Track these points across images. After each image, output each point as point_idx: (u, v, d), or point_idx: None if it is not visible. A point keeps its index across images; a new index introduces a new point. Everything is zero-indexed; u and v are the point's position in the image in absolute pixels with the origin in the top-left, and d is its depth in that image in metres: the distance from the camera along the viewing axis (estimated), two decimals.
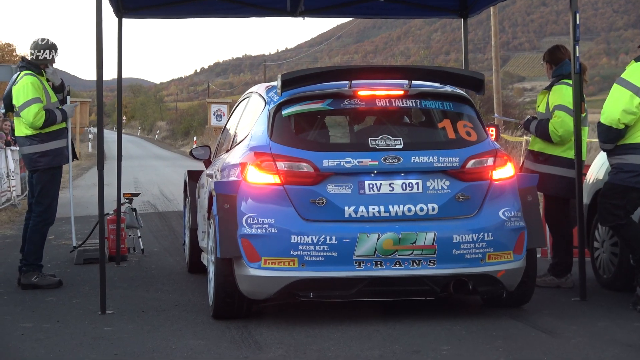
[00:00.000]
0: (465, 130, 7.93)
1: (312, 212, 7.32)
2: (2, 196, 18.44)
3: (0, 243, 13.34)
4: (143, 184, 28.78)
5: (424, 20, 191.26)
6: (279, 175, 7.38)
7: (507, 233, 7.56)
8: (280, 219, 7.29)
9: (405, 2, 12.27)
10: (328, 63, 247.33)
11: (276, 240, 7.25)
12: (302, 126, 7.93)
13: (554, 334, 7.10)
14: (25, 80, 9.48)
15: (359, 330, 7.16)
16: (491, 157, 7.83)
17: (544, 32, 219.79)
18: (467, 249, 7.38)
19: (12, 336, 6.99)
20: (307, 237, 7.21)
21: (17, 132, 9.75)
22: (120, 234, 11.16)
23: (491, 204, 7.62)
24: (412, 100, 8.07)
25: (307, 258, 7.20)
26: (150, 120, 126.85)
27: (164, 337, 6.92)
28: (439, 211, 7.44)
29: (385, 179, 7.48)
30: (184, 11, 12.38)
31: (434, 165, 7.54)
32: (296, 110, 7.90)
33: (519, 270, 7.66)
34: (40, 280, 9.32)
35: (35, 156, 9.51)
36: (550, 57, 9.64)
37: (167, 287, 9.29)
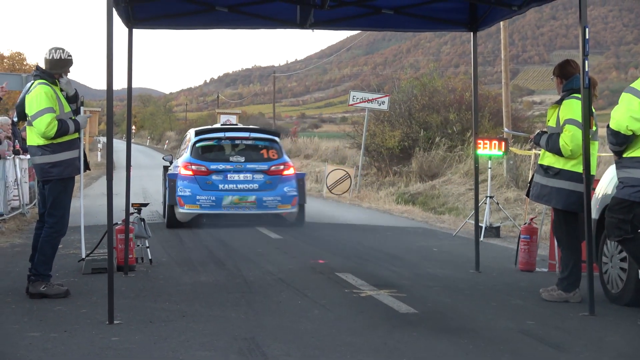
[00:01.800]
0: (272, 153, 18.05)
1: (205, 187, 17.19)
2: (9, 205, 18.45)
3: (9, 252, 13.35)
4: (152, 193, 28.78)
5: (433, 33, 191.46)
6: (192, 172, 17.34)
7: (288, 197, 17.42)
8: (192, 189, 17.16)
9: (415, 15, 12.28)
10: (337, 75, 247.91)
11: (190, 198, 17.10)
12: (203, 151, 17.96)
13: (561, 348, 7.09)
14: (39, 89, 9.44)
15: (367, 343, 7.16)
16: (282, 165, 17.78)
17: (553, 46, 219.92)
18: (269, 203, 17.26)
19: (20, 345, 6.99)
20: (203, 196, 17.03)
21: (29, 141, 9.72)
22: (129, 244, 11.17)
23: (281, 185, 17.44)
24: (250, 141, 18.39)
25: (203, 205, 17.04)
26: (159, 130, 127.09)
27: (172, 348, 6.91)
28: (257, 188, 17.34)
29: (236, 174, 17.37)
30: (194, 22, 12.44)
31: (256, 169, 17.41)
32: (201, 144, 18.05)
33: (294, 214, 17.65)
34: (48, 289, 9.29)
35: (47, 166, 9.48)
36: (561, 72, 9.65)
37: (175, 298, 9.28)
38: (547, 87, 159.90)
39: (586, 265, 8.79)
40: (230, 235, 15.78)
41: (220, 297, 9.39)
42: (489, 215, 17.38)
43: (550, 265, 12.06)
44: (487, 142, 16.93)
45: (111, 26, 8.03)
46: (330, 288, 10.11)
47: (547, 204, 9.87)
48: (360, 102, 30.67)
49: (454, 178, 29.19)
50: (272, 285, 10.22)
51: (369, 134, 33.80)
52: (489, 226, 17.02)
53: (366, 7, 12.11)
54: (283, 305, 8.97)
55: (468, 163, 29.66)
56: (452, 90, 37.83)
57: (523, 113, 41.02)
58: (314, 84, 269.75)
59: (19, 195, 19.21)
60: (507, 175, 25.66)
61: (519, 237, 12.19)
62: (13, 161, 18.74)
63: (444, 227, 19.46)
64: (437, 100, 36.35)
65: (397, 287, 10.15)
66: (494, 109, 34.31)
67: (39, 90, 9.43)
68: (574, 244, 9.43)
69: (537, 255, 12.38)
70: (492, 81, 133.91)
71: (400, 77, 51.15)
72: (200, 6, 11.94)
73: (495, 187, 23.80)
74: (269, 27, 12.69)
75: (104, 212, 8.65)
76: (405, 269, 11.92)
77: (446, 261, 12.92)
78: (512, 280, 11.05)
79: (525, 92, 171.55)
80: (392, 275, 11.21)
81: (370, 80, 73.88)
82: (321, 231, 17.24)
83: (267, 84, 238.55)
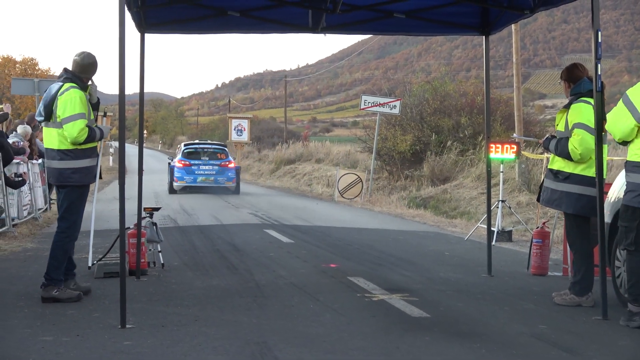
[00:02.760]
0: (222, 155, 33.73)
1: (188, 172, 32.77)
2: (24, 209, 18.49)
3: (22, 256, 13.37)
4: (163, 198, 28.86)
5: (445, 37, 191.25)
6: (182, 164, 32.84)
7: (230, 178, 33.03)
8: (181, 173, 32.72)
9: (427, 19, 12.28)
10: (349, 79, 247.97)
11: (180, 177, 32.78)
12: (188, 154, 33.47)
13: (574, 353, 7.07)
14: (74, 93, 9.43)
15: (379, 347, 7.15)
16: (227, 162, 33.36)
17: (565, 50, 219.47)
18: (220, 180, 32.89)
19: (32, 350, 7.00)
20: (187, 177, 32.66)
21: (48, 144, 9.66)
22: (141, 248, 11.17)
23: (226, 172, 33.05)
24: (211, 149, 34.48)
25: (187, 181, 32.74)
26: (171, 135, 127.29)
27: (184, 352, 6.92)
28: (214, 173, 32.82)
29: (204, 166, 32.95)
30: (206, 27, 12.45)
31: (214, 163, 33.06)
32: (187, 150, 33.94)
33: (233, 187, 33.13)
34: (60, 293, 9.31)
35: (68, 172, 9.49)
36: (568, 76, 9.64)
37: (187, 302, 9.29)
38: (558, 91, 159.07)
39: (599, 269, 8.77)
40: (242, 240, 15.78)
41: (232, 301, 9.39)
42: (501, 219, 17.36)
43: (563, 269, 12.04)
44: (499, 146, 16.92)
45: (123, 31, 8.04)
46: (342, 292, 10.10)
47: (557, 208, 9.85)
48: (371, 106, 30.66)
49: (466, 182, 29.15)
50: (284, 290, 10.22)
51: (380, 138, 33.79)
52: (501, 230, 17.00)
53: (378, 11, 12.11)
54: (295, 309, 8.96)
55: (480, 167, 29.61)
56: (463, 94, 37.80)
57: (535, 117, 40.99)
58: (325, 88, 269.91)
59: (31, 199, 19.24)
60: (519, 179, 25.61)
61: (532, 241, 12.18)
62: (27, 165, 18.77)
63: (455, 231, 19.44)
64: (449, 104, 36.32)
65: (409, 291, 10.15)
66: (505, 112, 34.25)
67: (74, 94, 9.44)
68: (586, 248, 9.41)
69: (550, 259, 12.36)
70: (504, 85, 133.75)
71: (411, 81, 51.12)
72: (212, 11, 11.96)
73: (507, 191, 23.76)
74: (280, 32, 12.70)
75: (116, 216, 8.68)
76: (417, 273, 11.91)
77: (458, 265, 12.90)
78: (524, 285, 11.03)
79: (537, 96, 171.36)
80: (404, 280, 11.20)
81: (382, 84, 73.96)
82: (333, 235, 17.23)
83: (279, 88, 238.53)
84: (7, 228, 15.87)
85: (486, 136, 12.67)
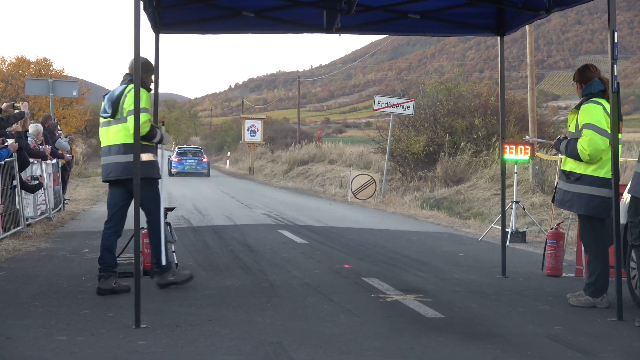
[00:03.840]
0: (199, 154, 57.83)
1: (180, 164, 55.43)
2: (38, 209, 18.54)
3: (36, 256, 13.39)
4: (177, 198, 28.89)
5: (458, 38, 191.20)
6: (176, 159, 55.73)
7: (204, 167, 55.97)
8: (176, 164, 55.37)
9: (442, 20, 12.27)
10: (362, 80, 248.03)
11: (175, 167, 55.17)
12: (179, 153, 57.29)
13: (589, 354, 7.04)
14: (141, 91, 9.37)
15: (393, 348, 7.14)
16: (203, 158, 57.15)
17: (579, 51, 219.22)
18: (198, 169, 55.43)
19: (47, 349, 7.01)
20: (179, 166, 55.15)
21: (112, 140, 10.03)
22: None
23: (202, 164, 56.10)
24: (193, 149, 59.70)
25: (179, 168, 55.04)
26: (184, 135, 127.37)
27: (198, 352, 6.91)
28: (195, 164, 55.82)
29: (188, 160, 55.99)
30: (220, 27, 12.46)
31: (195, 158, 56.33)
32: (179, 151, 57.84)
33: (206, 172, 55.86)
34: (117, 286, 9.84)
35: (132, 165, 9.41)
36: (580, 77, 9.63)
37: (201, 302, 9.29)
38: (572, 92, 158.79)
39: (614, 270, 8.75)
40: (256, 240, 15.78)
41: (247, 301, 9.39)
42: (515, 220, 17.33)
43: (577, 270, 12.00)
44: (513, 147, 16.89)
45: (139, 31, 8.05)
46: (356, 293, 10.09)
47: (569, 209, 9.82)
48: (385, 107, 30.62)
49: (479, 183, 29.11)
50: (298, 290, 10.22)
51: (393, 138, 33.75)
52: (515, 231, 16.97)
53: (393, 12, 12.11)
54: (309, 309, 8.96)
55: (493, 168, 29.57)
56: (477, 95, 37.76)
57: (548, 118, 40.87)
58: (339, 89, 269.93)
59: (45, 199, 19.29)
60: (533, 180, 25.55)
61: (546, 242, 12.16)
62: (40, 165, 18.82)
63: (469, 232, 19.41)
64: (462, 105, 36.29)
65: (424, 292, 10.13)
66: (519, 114, 34.20)
67: (141, 92, 9.40)
68: (600, 249, 9.38)
69: (564, 260, 12.33)
70: (517, 86, 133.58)
71: (425, 82, 51.06)
72: (227, 11, 11.97)
73: (521, 192, 23.71)
74: (295, 32, 12.70)
75: (130, 216, 8.70)
76: (431, 273, 11.89)
77: (472, 266, 12.88)
78: (539, 286, 11.01)
79: (551, 97, 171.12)
80: (418, 280, 11.18)
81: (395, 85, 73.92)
82: (346, 236, 17.22)
83: (292, 89, 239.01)
84: (22, 228, 15.91)
85: (500, 137, 12.64)
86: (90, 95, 69.44)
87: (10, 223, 15.58)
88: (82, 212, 22.63)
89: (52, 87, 30.35)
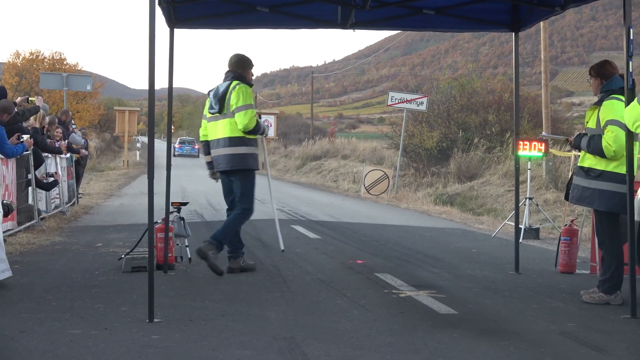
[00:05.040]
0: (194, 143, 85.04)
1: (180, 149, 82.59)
2: (52, 203, 18.59)
3: (50, 250, 13.43)
4: (190, 193, 28.92)
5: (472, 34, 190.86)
6: (178, 145, 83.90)
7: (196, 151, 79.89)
8: (177, 149, 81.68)
9: (457, 16, 12.24)
10: (375, 76, 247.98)
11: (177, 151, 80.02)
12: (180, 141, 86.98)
13: (603, 351, 7.03)
14: (245, 88, 10.98)
15: (407, 344, 7.13)
16: (196, 145, 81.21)
17: (593, 47, 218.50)
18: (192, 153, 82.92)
19: (61, 343, 7.02)
20: (180, 150, 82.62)
21: (220, 134, 11.03)
22: (169, 242, 11.20)
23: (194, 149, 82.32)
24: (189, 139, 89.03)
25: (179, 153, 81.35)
26: (197, 130, 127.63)
27: (212, 347, 6.92)
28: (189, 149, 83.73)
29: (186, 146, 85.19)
30: (235, 22, 12.45)
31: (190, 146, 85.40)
32: (180, 140, 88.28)
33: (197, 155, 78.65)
34: (212, 258, 10.77)
35: (237, 157, 11.00)
36: (600, 72, 9.55)
37: (214, 297, 9.29)
38: (586, 89, 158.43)
39: (628, 267, 8.72)
40: (269, 235, 15.79)
41: (260, 296, 9.39)
42: (529, 216, 17.30)
43: (591, 267, 11.98)
44: (527, 143, 16.86)
45: (153, 26, 8.04)
46: (369, 288, 10.08)
47: (589, 206, 9.77)
48: (399, 102, 30.62)
49: (493, 179, 29.09)
50: (311, 285, 10.22)
51: (407, 134, 33.76)
52: (529, 227, 16.94)
53: (407, 7, 12.08)
54: (322, 305, 8.96)
55: (507, 164, 29.54)
56: (490, 91, 37.75)
57: (562, 114, 40.89)
58: (352, 84, 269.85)
59: (59, 193, 19.35)
60: (547, 176, 25.52)
61: (559, 238, 12.13)
62: (54, 159, 18.86)
63: (482, 228, 19.39)
64: (476, 101, 36.28)
65: (437, 288, 10.13)
66: (533, 110, 34.20)
67: (245, 88, 10.98)
68: (615, 246, 9.35)
69: (578, 257, 12.31)
70: (531, 82, 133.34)
71: (438, 78, 51.01)
72: (241, 7, 11.96)
73: (535, 189, 23.68)
74: (310, 27, 12.68)
75: (143, 211, 8.73)
76: (444, 269, 11.89)
77: (485, 262, 12.87)
78: (552, 282, 10.99)
79: (564, 93, 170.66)
80: (432, 276, 11.18)
81: (409, 81, 73.82)
82: (359, 232, 17.22)
83: (305, 84, 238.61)
84: (36, 222, 15.96)
85: (515, 133, 12.61)
86: (104, 89, 69.75)
87: (25, 217, 15.62)
88: (96, 207, 22.69)
89: (66, 81, 30.49)
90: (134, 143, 66.90)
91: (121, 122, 52.64)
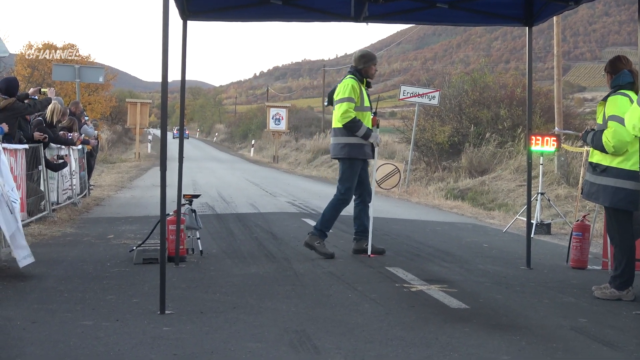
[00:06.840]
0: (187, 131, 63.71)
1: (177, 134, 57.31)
2: (64, 194, 18.62)
3: (62, 241, 13.46)
4: (202, 185, 28.93)
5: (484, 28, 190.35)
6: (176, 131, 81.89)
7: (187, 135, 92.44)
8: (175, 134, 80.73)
9: (470, 10, 12.22)
10: (387, 70, 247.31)
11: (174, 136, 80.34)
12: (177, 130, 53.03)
13: (615, 347, 7.02)
14: (348, 81, 11.71)
15: (419, 338, 7.13)
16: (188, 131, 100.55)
17: (605, 42, 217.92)
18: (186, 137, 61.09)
19: (73, 334, 7.03)
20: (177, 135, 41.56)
21: (333, 125, 12.09)
22: (180, 235, 11.20)
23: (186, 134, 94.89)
24: None
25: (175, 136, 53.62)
26: (209, 123, 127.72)
27: (223, 339, 6.93)
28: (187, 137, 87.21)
29: None
30: (248, 15, 12.44)
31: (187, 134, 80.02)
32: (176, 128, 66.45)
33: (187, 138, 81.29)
34: (319, 247, 11.80)
35: (339, 146, 11.88)
36: (611, 68, 9.56)
37: (226, 289, 9.31)
38: (598, 84, 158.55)
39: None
40: (280, 228, 15.80)
41: (271, 289, 9.40)
42: (540, 211, 17.27)
43: (603, 263, 11.96)
44: (539, 138, 16.83)
45: (167, 18, 8.05)
46: (380, 282, 10.08)
47: (595, 201, 9.77)
48: (410, 96, 30.55)
49: (504, 174, 29.02)
50: (323, 279, 10.22)
51: (418, 128, 33.69)
52: (540, 223, 16.92)
53: (421, 1, 12.07)
54: (333, 298, 8.96)
55: (518, 159, 29.47)
56: (502, 85, 37.65)
57: (574, 110, 40.72)
58: None
59: (71, 185, 19.38)
60: (558, 172, 25.46)
61: (571, 234, 12.12)
62: (68, 150, 18.90)
63: (493, 223, 19.36)
64: (488, 96, 36.19)
65: (448, 282, 10.12)
66: (545, 105, 34.10)
67: (348, 82, 11.73)
68: (626, 242, 9.33)
69: (589, 252, 12.28)
70: (543, 77, 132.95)
71: (450, 72, 50.97)
72: None
73: (546, 184, 23.63)
74: (323, 20, 12.65)
75: (154, 203, 8.75)
76: (455, 264, 11.88)
77: (497, 257, 12.85)
78: (563, 278, 10.97)
79: (577, 88, 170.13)
80: (443, 271, 11.17)
81: (420, 75, 73.83)
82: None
83: (317, 77, 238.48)
84: (47, 213, 15.99)
85: (527, 128, 12.59)
86: (116, 81, 69.73)
87: (36, 208, 15.65)
88: (107, 198, 22.72)
89: (78, 73, 30.52)
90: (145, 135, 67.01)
91: (133, 114, 52.75)
